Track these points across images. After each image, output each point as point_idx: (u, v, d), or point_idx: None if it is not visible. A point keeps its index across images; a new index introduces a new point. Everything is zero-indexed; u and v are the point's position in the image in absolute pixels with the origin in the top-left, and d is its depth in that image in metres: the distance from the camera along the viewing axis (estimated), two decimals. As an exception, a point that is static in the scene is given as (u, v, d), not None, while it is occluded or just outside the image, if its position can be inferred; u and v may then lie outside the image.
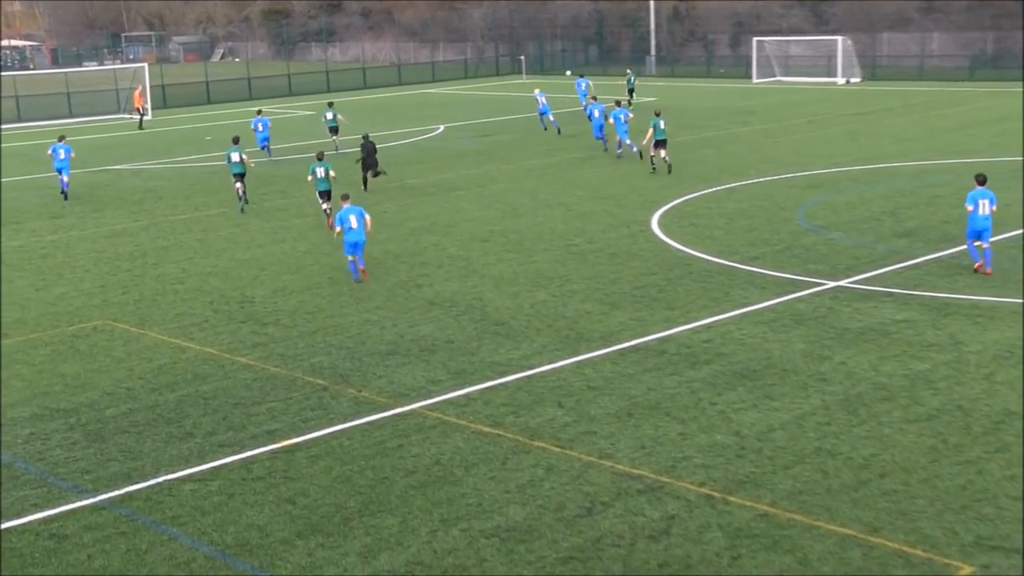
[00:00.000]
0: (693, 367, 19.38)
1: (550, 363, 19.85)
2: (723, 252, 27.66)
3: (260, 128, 47.09)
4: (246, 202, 36.21)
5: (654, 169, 40.05)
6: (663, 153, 39.53)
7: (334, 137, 49.97)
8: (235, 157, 35.97)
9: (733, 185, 37.06)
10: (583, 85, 59.66)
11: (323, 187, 32.37)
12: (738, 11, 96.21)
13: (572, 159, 44.54)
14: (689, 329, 21.61)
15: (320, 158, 32.49)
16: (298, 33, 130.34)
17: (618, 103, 45.80)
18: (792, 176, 38.28)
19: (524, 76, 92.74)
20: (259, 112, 50.29)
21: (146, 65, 75.59)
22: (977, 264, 24.58)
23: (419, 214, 34.40)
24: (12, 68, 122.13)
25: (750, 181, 37.64)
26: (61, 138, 40.07)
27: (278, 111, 71.94)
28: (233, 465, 16.06)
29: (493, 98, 76.30)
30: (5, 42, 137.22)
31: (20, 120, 70.24)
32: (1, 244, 32.54)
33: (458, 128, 57.69)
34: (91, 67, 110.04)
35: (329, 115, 49.67)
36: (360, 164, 38.81)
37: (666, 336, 21.22)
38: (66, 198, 39.41)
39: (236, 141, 36.94)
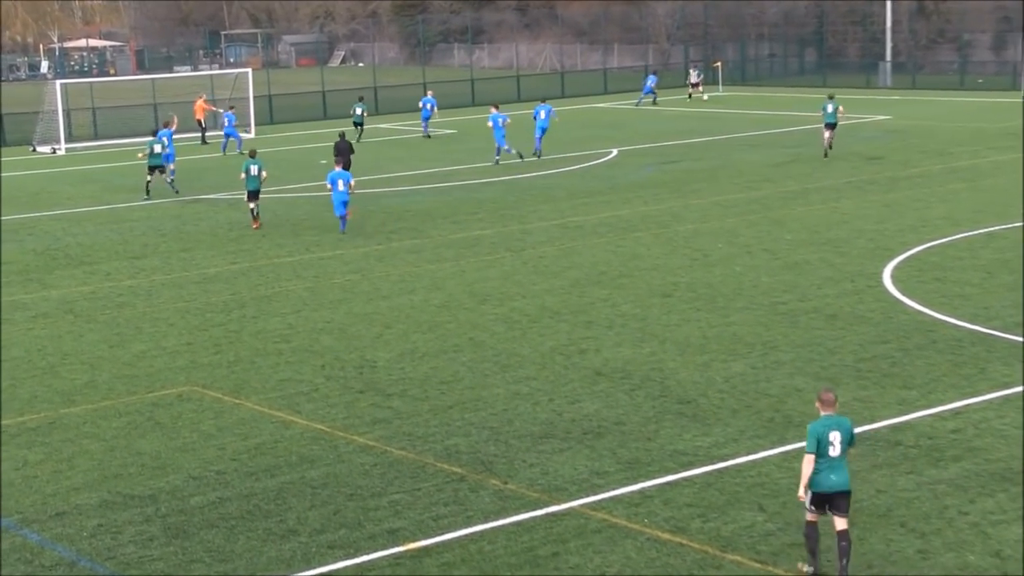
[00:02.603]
0: (936, 465, 18.98)
1: (749, 453, 19.68)
2: (978, 316, 27.18)
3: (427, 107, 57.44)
4: (258, 222, 40.98)
5: (826, 150, 52.68)
6: (827, 135, 52.19)
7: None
8: (253, 170, 40.38)
9: (993, 229, 36.40)
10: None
11: (253, 186, 40.16)
12: (1005, 4, 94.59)
13: (782, 193, 44.28)
14: (931, 415, 21.21)
15: (252, 155, 40.70)
16: (437, 32, 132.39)
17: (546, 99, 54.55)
18: (1070, 219, 37.54)
19: (720, 87, 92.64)
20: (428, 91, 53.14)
21: (249, 71, 77.39)
22: None
23: (584, 260, 34.51)
24: (89, 73, 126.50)
25: (1016, 224, 36.91)
26: (252, 154, 42.34)
27: (408, 128, 73.11)
28: (346, 571, 16.18)
29: (681, 115, 76.34)
30: (83, 42, 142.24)
31: (96, 137, 72.51)
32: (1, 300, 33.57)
33: (635, 153, 57.83)
34: (183, 72, 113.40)
35: (359, 110, 62.78)
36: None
37: (901, 423, 20.86)
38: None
39: (253, 155, 41.59)
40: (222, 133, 64.42)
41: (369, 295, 31.59)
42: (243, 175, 40.51)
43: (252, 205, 40.99)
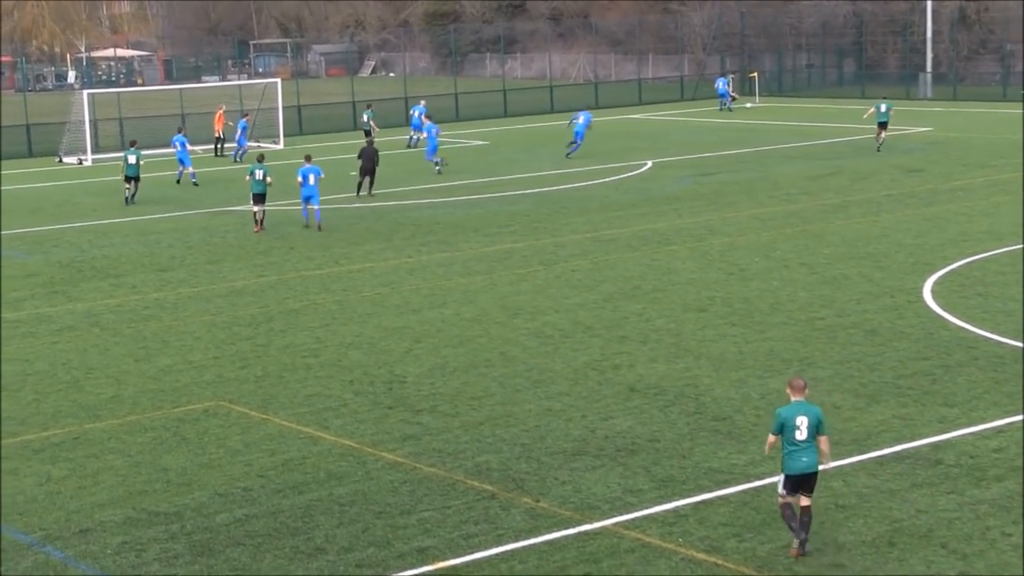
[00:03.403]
0: (978, 484, 18.89)
1: (786, 472, 19.57)
2: (1022, 332, 27.06)
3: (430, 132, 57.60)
4: (261, 223, 42.94)
5: (877, 145, 58.79)
6: (881, 134, 58.87)
7: (368, 139, 57.71)
8: (258, 175, 42.39)
9: (1035, 243, 36.28)
10: (417, 114, 67.76)
11: (258, 190, 42.29)
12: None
13: (820, 206, 44.17)
14: (973, 433, 21.13)
15: (260, 160, 42.94)
16: (469, 42, 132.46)
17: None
18: (1116, 233, 37.33)
19: (757, 98, 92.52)
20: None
21: (278, 81, 77.59)
22: None
23: (618, 274, 34.47)
24: (116, 83, 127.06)
25: (1058, 238, 36.78)
26: (260, 158, 44.19)
27: (442, 140, 73.09)
28: (373, 591, 16.19)
29: (717, 126, 76.27)
30: (110, 52, 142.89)
31: (123, 148, 72.47)
32: (1, 310, 33.69)
33: (670, 165, 57.78)
34: (211, 83, 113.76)
35: (365, 117, 65.44)
36: (359, 170, 47.25)
37: (942, 441, 20.79)
38: (320, 228, 42.91)
39: (261, 159, 43.81)
40: (235, 143, 65.53)
41: (399, 309, 31.61)
42: (248, 178, 42.91)
43: (256, 208, 43.02)
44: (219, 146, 68.86)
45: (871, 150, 59.19)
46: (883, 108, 59.19)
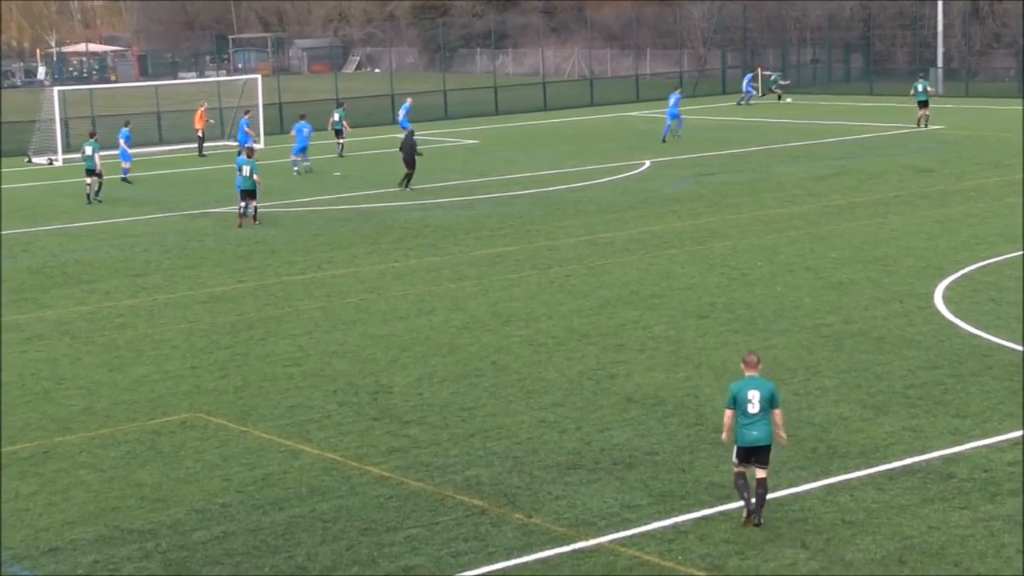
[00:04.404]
0: (992, 500, 18.89)
1: (790, 486, 19.60)
2: (1036, 339, 27.06)
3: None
4: (253, 218, 44.16)
5: (917, 124, 65.48)
6: (919, 112, 65.86)
7: (339, 140, 62.79)
8: (245, 170, 43.65)
9: (1051, 246, 36.30)
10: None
11: (246, 186, 43.60)
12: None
13: (826, 208, 44.20)
14: (987, 446, 21.11)
15: (249, 155, 44.00)
16: (458, 36, 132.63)
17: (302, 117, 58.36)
18: None
19: (760, 94, 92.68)
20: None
21: (259, 77, 77.64)
22: None
23: (614, 279, 34.48)
24: (89, 80, 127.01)
25: (1075, 241, 36.80)
26: (249, 154, 44.85)
27: (430, 138, 73.22)
28: (358, 612, 16.17)
29: (719, 124, 76.35)
30: (82, 47, 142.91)
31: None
32: (1, 316, 33.64)
33: (669, 165, 57.83)
34: (189, 79, 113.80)
35: (336, 116, 64.43)
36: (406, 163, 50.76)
37: (954, 454, 20.76)
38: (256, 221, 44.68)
39: (250, 155, 44.67)
40: (236, 142, 64.66)
41: (385, 316, 31.60)
42: (238, 172, 44.16)
43: (242, 204, 44.31)
44: (201, 145, 68.84)
45: (879, 148, 59.30)
46: (920, 87, 66.19)
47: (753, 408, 18.05)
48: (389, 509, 19.38)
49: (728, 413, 18.29)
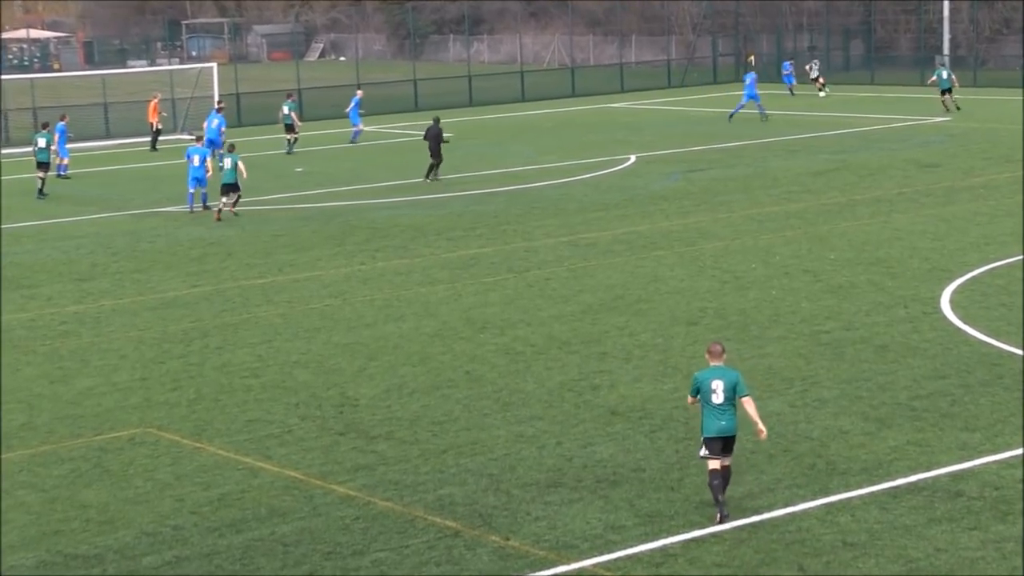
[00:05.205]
0: (1004, 519, 18.91)
1: (787, 505, 19.61)
2: (1050, 347, 27.13)
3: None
4: (232, 206, 45.81)
5: (947, 110, 69.12)
6: (944, 98, 69.61)
7: (288, 136, 63.66)
8: (227, 163, 45.44)
9: (1066, 247, 36.41)
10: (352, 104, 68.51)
11: (228, 179, 45.25)
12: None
13: (825, 206, 44.28)
14: (998, 462, 21.13)
15: (231, 149, 46.19)
16: (430, 22, 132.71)
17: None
18: None
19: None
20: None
21: (214, 66, 77.62)
22: None
23: (597, 283, 34.48)
24: (30, 69, 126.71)
25: (1092, 242, 36.92)
26: (231, 148, 46.79)
27: (398, 131, 73.24)
28: (321, 643, 16.13)
29: (708, 117, 76.44)
30: (22, 33, 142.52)
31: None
32: (1, 316, 33.52)
33: (656, 160, 57.89)
34: (139, 67, 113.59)
35: (285, 109, 64.42)
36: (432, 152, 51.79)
37: (963, 471, 20.79)
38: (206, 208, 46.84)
39: (231, 149, 46.65)
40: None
41: (351, 323, 31.56)
42: (221, 166, 45.83)
43: (224, 199, 45.72)
44: (155, 139, 68.69)
45: (881, 142, 59.48)
46: (944, 75, 70.83)
47: (718, 398, 19.13)
48: (355, 531, 19.33)
49: (690, 400, 19.67)
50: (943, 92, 70.56)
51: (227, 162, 45.50)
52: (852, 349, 27.63)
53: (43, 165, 52.51)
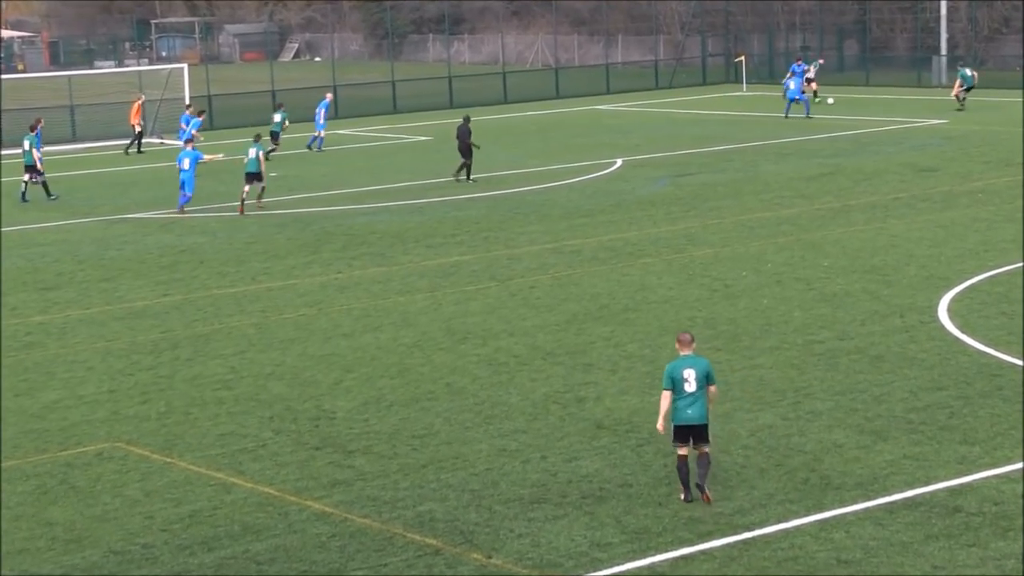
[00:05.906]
0: (1004, 536, 18.94)
1: (779, 521, 19.61)
2: (1051, 357, 27.16)
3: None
4: (259, 199, 48.19)
5: (960, 103, 72.02)
6: (959, 91, 71.69)
7: (274, 145, 63.01)
8: (252, 153, 48.11)
9: (1067, 254, 36.47)
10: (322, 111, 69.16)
11: (251, 168, 47.92)
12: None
13: (818, 212, 44.33)
14: (997, 476, 21.15)
15: (256, 139, 49.60)
16: (408, 21, 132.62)
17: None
18: None
19: (744, 86, 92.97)
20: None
21: (185, 66, 77.53)
22: None
23: (583, 292, 34.50)
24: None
25: (1094, 248, 36.99)
26: (256, 138, 50.51)
27: (375, 134, 73.20)
28: (296, 665, 16.13)
29: (698, 119, 76.52)
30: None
31: (1, 146, 72.30)
32: (1, 315, 33.49)
33: (643, 163, 57.92)
34: (106, 68, 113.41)
35: (277, 118, 65.18)
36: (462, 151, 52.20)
37: (961, 485, 20.80)
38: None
39: (257, 139, 49.86)
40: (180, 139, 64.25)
41: (327, 333, 31.54)
42: (245, 158, 48.56)
43: (246, 188, 48.23)
44: (138, 141, 68.58)
45: (876, 145, 59.56)
46: (968, 72, 74.17)
47: (690, 387, 20.02)
48: (332, 549, 19.33)
49: (665, 395, 20.17)
50: (965, 88, 73.56)
51: (252, 152, 48.24)
52: (846, 359, 27.65)
53: (29, 169, 52.99)
